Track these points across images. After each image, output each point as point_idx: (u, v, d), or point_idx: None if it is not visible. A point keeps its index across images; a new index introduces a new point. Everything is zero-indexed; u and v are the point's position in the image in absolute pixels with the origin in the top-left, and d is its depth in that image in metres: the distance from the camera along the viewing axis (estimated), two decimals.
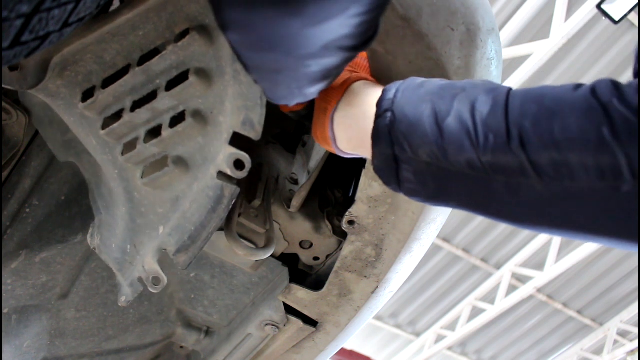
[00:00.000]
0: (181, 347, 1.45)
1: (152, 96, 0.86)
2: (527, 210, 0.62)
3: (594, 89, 0.56)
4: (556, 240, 6.70)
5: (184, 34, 0.82)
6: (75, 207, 1.24)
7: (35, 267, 1.23)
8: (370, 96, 0.75)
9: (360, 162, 1.00)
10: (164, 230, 0.92)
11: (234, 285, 1.30)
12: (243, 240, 0.97)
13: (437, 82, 0.70)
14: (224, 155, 0.83)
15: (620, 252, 6.94)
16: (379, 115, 0.70)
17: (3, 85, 0.87)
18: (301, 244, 1.18)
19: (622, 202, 0.54)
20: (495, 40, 0.92)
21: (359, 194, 0.99)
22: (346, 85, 0.79)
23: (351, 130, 0.77)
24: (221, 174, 0.84)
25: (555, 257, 6.72)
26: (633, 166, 0.52)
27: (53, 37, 0.66)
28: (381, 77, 0.85)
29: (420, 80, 0.71)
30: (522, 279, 7.24)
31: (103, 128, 0.90)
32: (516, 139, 0.58)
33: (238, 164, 0.83)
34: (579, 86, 0.58)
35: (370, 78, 0.84)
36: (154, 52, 0.86)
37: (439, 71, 0.84)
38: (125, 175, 0.94)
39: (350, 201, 1.03)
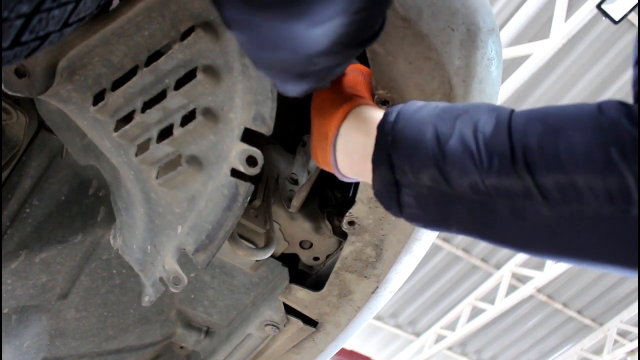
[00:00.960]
0: (181, 347, 1.45)
1: (161, 96, 0.86)
2: (533, 235, 0.59)
3: (600, 107, 0.54)
4: None
5: (189, 32, 0.82)
6: (75, 207, 1.24)
7: (35, 267, 1.23)
8: (371, 121, 0.74)
9: None
10: (182, 230, 0.92)
11: (234, 286, 1.30)
12: (243, 241, 0.97)
13: (438, 104, 0.68)
14: (236, 152, 0.83)
15: None
16: (379, 140, 0.69)
17: (13, 93, 0.87)
18: (301, 244, 1.18)
19: (631, 226, 0.51)
20: (496, 41, 0.92)
21: (359, 195, 0.99)
22: (347, 110, 0.77)
23: (353, 156, 0.75)
24: (235, 172, 0.84)
25: None
26: None
27: (53, 37, 0.66)
28: (382, 77, 0.85)
29: (420, 103, 0.70)
30: (522, 279, 7.24)
31: (116, 130, 0.90)
32: (521, 161, 0.56)
33: (251, 161, 0.82)
34: (584, 105, 0.56)
35: (370, 101, 0.82)
36: (161, 52, 0.86)
37: (439, 71, 0.84)
38: (141, 176, 0.94)
39: (351, 201, 1.02)
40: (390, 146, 0.67)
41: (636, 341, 7.58)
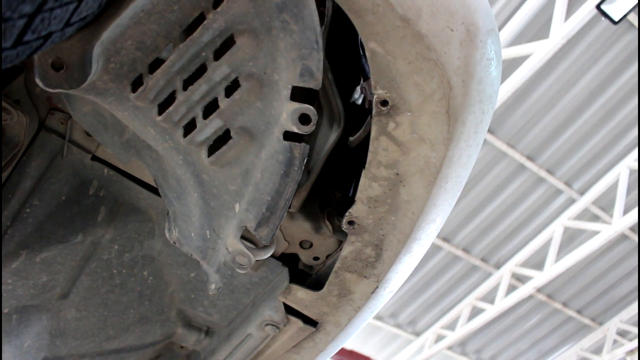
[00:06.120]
0: (181, 347, 1.45)
1: (201, 70, 0.84)
2: None
3: None
4: (556, 240, 6.71)
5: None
6: (75, 207, 1.24)
7: (35, 267, 1.23)
8: None
9: (360, 162, 1.00)
10: (240, 207, 0.90)
11: (234, 286, 1.31)
12: (243, 240, 0.97)
13: None
14: (287, 113, 0.80)
15: (620, 252, 6.94)
16: None
17: (52, 90, 0.86)
18: (301, 244, 1.18)
19: None
20: (495, 41, 0.92)
21: (358, 195, 0.99)
22: None
23: None
24: (287, 134, 0.82)
25: (555, 257, 6.73)
26: None
27: (55, 36, 0.66)
28: (381, 77, 0.85)
29: None
30: (522, 279, 7.24)
31: (159, 114, 0.88)
32: None
33: (304, 119, 0.80)
34: None
35: None
36: (194, 25, 0.83)
37: (438, 71, 0.84)
38: (190, 158, 0.92)
39: (350, 201, 1.03)
40: None
41: (636, 341, 7.58)
